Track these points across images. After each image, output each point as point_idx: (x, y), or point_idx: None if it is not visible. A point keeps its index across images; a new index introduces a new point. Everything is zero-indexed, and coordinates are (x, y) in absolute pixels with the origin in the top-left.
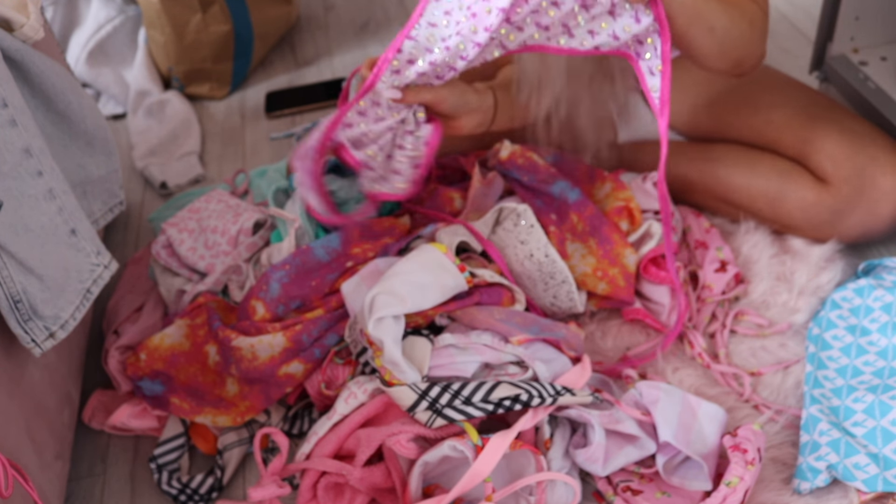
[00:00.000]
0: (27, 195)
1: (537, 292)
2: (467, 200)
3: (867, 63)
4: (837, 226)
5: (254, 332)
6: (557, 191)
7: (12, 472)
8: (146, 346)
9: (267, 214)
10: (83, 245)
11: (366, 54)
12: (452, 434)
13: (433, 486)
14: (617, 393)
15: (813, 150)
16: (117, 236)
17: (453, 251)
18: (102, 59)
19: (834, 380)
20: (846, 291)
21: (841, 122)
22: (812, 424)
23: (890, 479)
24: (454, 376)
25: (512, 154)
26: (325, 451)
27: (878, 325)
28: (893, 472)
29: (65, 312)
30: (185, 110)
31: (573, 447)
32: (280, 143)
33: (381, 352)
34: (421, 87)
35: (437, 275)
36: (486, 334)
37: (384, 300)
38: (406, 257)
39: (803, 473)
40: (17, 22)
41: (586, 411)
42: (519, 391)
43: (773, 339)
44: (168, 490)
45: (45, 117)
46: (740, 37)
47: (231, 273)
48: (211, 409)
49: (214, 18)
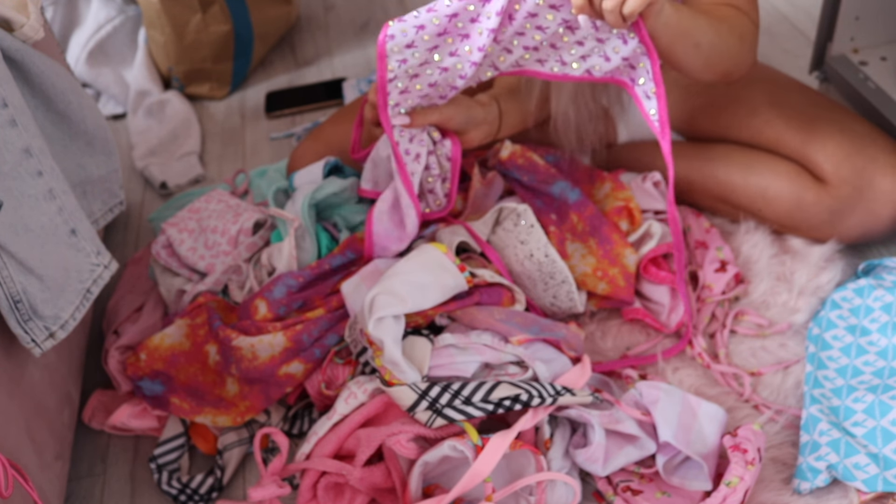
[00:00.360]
0: (27, 195)
1: (537, 292)
2: (467, 201)
3: (867, 63)
4: (837, 226)
5: (254, 331)
6: (557, 191)
7: (12, 472)
8: (146, 346)
9: (267, 214)
10: (83, 245)
11: (366, 54)
12: (452, 434)
13: (433, 486)
14: (617, 393)
15: (812, 151)
16: (117, 236)
17: (453, 251)
18: (102, 59)
19: (834, 380)
20: (846, 291)
21: (840, 122)
22: (812, 424)
23: (890, 479)
24: (454, 376)
25: (512, 154)
26: (325, 451)
27: (879, 325)
28: (893, 472)
29: (65, 312)
30: (185, 110)
31: (573, 447)
32: (280, 143)
33: (381, 352)
34: (427, 108)
35: (438, 275)
36: (486, 334)
37: (384, 300)
38: (406, 257)
39: (803, 473)
40: (17, 22)
41: (586, 411)
42: (519, 391)
43: (774, 339)
44: (168, 490)
45: (45, 117)
46: (727, 51)
47: (231, 273)
48: (211, 409)
49: (214, 18)
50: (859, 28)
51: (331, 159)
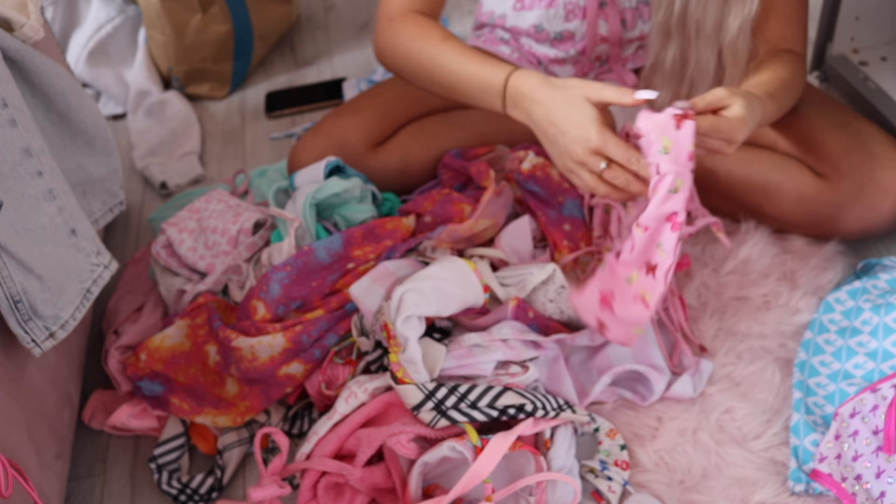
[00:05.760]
0: (27, 195)
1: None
2: (478, 207)
3: (867, 63)
4: (837, 221)
5: (254, 332)
6: (567, 212)
7: (12, 472)
8: (146, 346)
9: (267, 214)
10: (83, 245)
11: (366, 54)
12: (452, 435)
13: (433, 487)
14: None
15: (812, 146)
16: (117, 236)
17: (481, 272)
18: (102, 59)
19: (826, 386)
20: (840, 293)
21: (840, 118)
22: (804, 432)
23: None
24: (475, 375)
25: (533, 167)
26: (325, 451)
27: (871, 328)
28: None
29: (65, 312)
30: (185, 110)
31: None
32: (280, 143)
33: (401, 349)
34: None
35: (463, 288)
36: (506, 327)
37: (413, 298)
38: (439, 264)
39: (798, 476)
40: (17, 22)
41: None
42: (524, 401)
43: (774, 339)
44: (168, 490)
45: (45, 117)
46: (795, 99)
47: (231, 273)
48: (211, 409)
49: (214, 18)
50: (859, 28)
51: (332, 159)
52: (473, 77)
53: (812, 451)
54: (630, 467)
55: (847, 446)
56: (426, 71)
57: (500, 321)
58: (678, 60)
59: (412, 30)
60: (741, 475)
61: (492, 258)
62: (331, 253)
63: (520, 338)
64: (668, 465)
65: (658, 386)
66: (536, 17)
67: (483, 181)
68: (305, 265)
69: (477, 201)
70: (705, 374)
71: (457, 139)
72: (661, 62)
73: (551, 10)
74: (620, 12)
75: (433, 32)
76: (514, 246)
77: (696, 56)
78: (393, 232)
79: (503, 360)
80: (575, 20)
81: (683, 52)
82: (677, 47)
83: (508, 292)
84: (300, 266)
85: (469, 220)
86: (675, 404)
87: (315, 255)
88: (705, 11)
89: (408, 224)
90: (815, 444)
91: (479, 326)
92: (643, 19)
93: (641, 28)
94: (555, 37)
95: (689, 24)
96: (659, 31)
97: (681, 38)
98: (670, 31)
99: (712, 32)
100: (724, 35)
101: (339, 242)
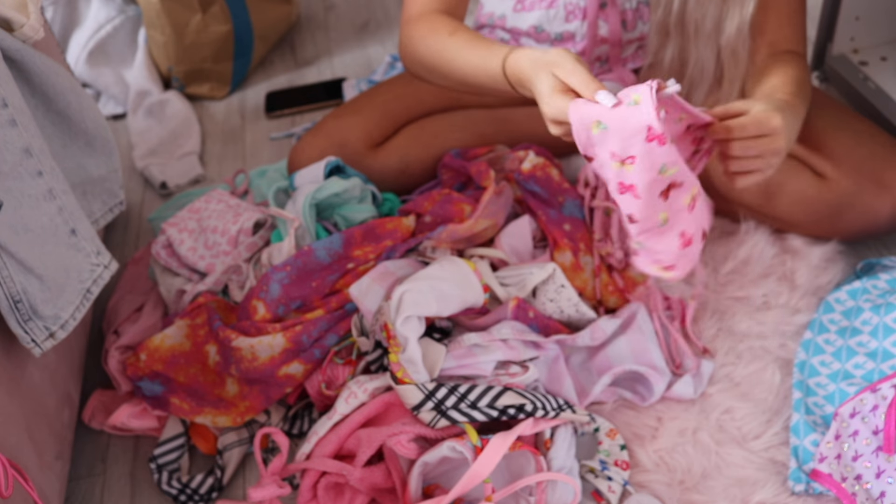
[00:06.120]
0: (27, 195)
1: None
2: (478, 207)
3: (867, 63)
4: (838, 221)
5: (254, 332)
6: (567, 212)
7: (12, 472)
8: (146, 346)
9: (267, 214)
10: (83, 245)
11: (366, 54)
12: (452, 435)
13: (433, 486)
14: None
15: (812, 146)
16: (117, 236)
17: (481, 272)
18: (102, 59)
19: (826, 386)
20: (840, 293)
21: (840, 118)
22: (804, 432)
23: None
24: (475, 375)
25: (533, 167)
26: (325, 451)
27: (871, 328)
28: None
29: (65, 312)
30: (185, 110)
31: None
32: (280, 143)
33: (401, 349)
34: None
35: (463, 289)
36: (506, 327)
37: (413, 298)
38: (439, 264)
39: (798, 476)
40: (17, 22)
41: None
42: (524, 401)
43: (774, 339)
44: (168, 490)
45: (45, 117)
46: (809, 98)
47: (231, 273)
48: (211, 409)
49: (214, 18)
50: (859, 28)
51: (332, 159)
52: (479, 69)
53: (812, 451)
54: (630, 467)
55: (847, 446)
56: (439, 68)
57: (500, 321)
58: (677, 60)
59: (423, 29)
60: (741, 475)
61: (492, 258)
62: (331, 253)
63: (520, 338)
64: (668, 465)
65: (658, 387)
66: (536, 17)
67: (483, 181)
68: (305, 265)
69: (477, 201)
70: (706, 375)
71: (457, 139)
72: (660, 61)
73: (551, 10)
74: (621, 13)
75: (441, 28)
76: (514, 246)
77: (695, 56)
78: (393, 232)
79: (503, 360)
80: (575, 21)
81: (682, 51)
82: (676, 47)
83: (508, 292)
84: (300, 266)
85: (469, 220)
86: (675, 404)
87: (315, 255)
88: (704, 11)
89: (408, 224)
90: (815, 444)
91: (479, 326)
92: (643, 20)
93: (641, 29)
94: (555, 38)
95: (687, 24)
96: (657, 30)
97: (679, 37)
98: (669, 31)
99: (711, 32)
100: (723, 35)
101: (338, 242)
